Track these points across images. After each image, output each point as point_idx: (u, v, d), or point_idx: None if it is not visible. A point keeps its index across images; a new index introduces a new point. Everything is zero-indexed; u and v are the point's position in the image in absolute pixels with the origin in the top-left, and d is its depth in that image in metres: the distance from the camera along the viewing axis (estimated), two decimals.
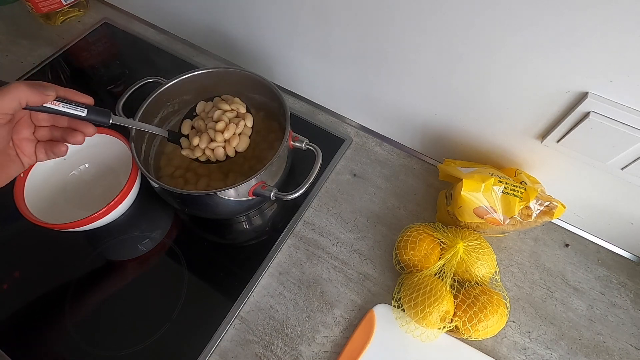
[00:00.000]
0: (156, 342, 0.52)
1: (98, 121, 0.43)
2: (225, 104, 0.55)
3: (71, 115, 0.41)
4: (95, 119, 0.43)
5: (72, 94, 0.42)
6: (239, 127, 0.54)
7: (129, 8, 0.86)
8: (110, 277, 0.57)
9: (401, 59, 0.53)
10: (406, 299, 0.51)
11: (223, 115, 0.54)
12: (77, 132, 0.43)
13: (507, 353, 0.52)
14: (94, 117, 0.43)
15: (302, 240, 0.60)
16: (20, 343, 0.52)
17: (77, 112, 0.41)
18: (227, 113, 0.55)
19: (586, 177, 0.52)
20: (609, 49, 0.38)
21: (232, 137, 0.53)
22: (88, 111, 0.42)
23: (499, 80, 0.48)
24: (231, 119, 0.55)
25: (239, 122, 0.54)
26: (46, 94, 0.39)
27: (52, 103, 0.40)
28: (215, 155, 0.53)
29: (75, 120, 0.43)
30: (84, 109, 0.42)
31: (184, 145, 0.55)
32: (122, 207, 0.55)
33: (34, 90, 0.38)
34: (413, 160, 0.67)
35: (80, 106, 0.42)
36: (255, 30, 0.67)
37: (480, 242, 0.53)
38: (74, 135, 0.43)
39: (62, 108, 0.40)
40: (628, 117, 0.41)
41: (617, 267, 0.58)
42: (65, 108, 0.41)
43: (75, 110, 0.41)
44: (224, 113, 0.54)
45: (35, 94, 0.38)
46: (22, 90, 0.37)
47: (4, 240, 0.60)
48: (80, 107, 0.42)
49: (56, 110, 0.40)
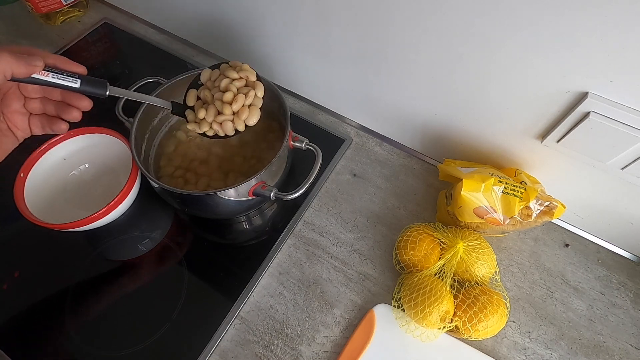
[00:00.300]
0: (156, 342, 0.52)
1: (93, 93, 0.39)
2: (234, 71, 0.50)
3: (62, 86, 0.37)
4: (90, 90, 0.39)
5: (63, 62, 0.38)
6: (248, 97, 0.48)
7: (129, 8, 0.86)
8: (110, 277, 0.57)
9: (401, 59, 0.53)
10: (406, 299, 0.51)
11: (231, 84, 0.49)
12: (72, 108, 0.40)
13: (507, 353, 0.52)
14: (89, 88, 0.39)
15: (302, 240, 0.60)
16: (20, 343, 0.52)
17: (68, 83, 0.37)
18: (235, 82, 0.49)
19: (586, 177, 0.52)
20: (609, 49, 0.38)
21: (241, 110, 0.48)
22: (81, 82, 0.38)
23: (499, 80, 0.48)
24: (240, 88, 0.50)
25: (248, 92, 0.49)
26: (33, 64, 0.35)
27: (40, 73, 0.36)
28: (224, 130, 0.49)
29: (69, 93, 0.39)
30: (77, 80, 0.38)
31: (190, 118, 0.50)
32: (122, 207, 0.55)
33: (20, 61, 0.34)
34: (413, 160, 0.67)
35: (72, 76, 0.38)
36: (255, 30, 0.67)
37: (480, 242, 0.53)
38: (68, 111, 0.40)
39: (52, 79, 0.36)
40: (628, 117, 0.41)
41: (617, 267, 0.58)
42: (55, 79, 0.37)
43: (67, 81, 0.37)
44: (232, 82, 0.49)
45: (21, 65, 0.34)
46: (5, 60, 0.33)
47: (4, 240, 0.60)
48: (72, 78, 0.38)
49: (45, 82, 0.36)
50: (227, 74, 0.50)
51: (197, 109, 0.49)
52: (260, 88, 0.50)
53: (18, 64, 0.34)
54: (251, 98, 0.49)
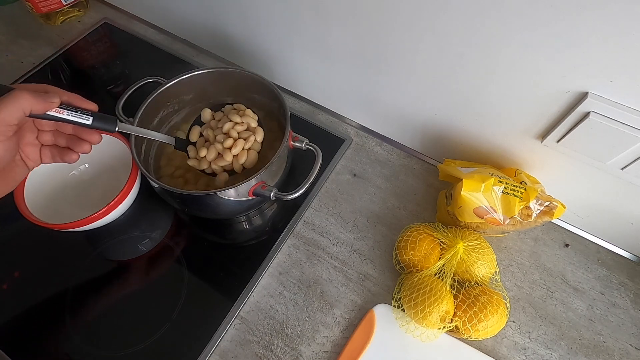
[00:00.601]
0: (156, 342, 0.52)
1: (104, 128, 0.42)
2: (237, 115, 0.54)
3: (76, 123, 0.40)
4: (101, 126, 0.42)
5: (77, 99, 0.41)
6: (248, 142, 0.52)
7: (129, 8, 0.86)
8: (110, 277, 0.57)
9: (401, 58, 0.53)
10: (406, 299, 0.51)
11: (232, 129, 0.53)
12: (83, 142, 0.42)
13: (507, 353, 0.52)
14: (100, 124, 0.41)
15: (302, 240, 0.60)
16: (20, 343, 0.52)
17: (82, 120, 0.40)
18: (237, 126, 0.53)
19: (586, 177, 0.52)
20: (609, 49, 0.38)
21: (240, 153, 0.52)
22: (93, 119, 0.41)
23: (499, 80, 0.48)
24: (241, 132, 0.53)
25: (248, 137, 0.53)
26: (50, 102, 0.37)
27: (56, 111, 0.39)
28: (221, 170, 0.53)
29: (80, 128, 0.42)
30: (89, 117, 0.41)
31: (191, 154, 0.54)
32: (122, 207, 0.55)
33: (38, 99, 0.36)
34: (413, 160, 0.67)
35: (85, 113, 0.40)
36: (255, 30, 0.67)
37: (480, 242, 0.53)
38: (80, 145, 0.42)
39: (67, 116, 0.39)
40: (628, 117, 0.41)
41: (617, 267, 0.58)
42: (70, 116, 0.39)
43: (80, 119, 0.40)
44: (234, 126, 0.53)
45: (39, 102, 0.36)
46: (25, 99, 0.35)
47: (4, 240, 0.60)
48: (85, 115, 0.40)
49: (61, 119, 0.39)
50: (231, 117, 0.54)
51: (199, 147, 0.53)
52: (260, 133, 0.54)
53: (37, 101, 0.36)
54: (250, 143, 0.53)
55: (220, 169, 0.53)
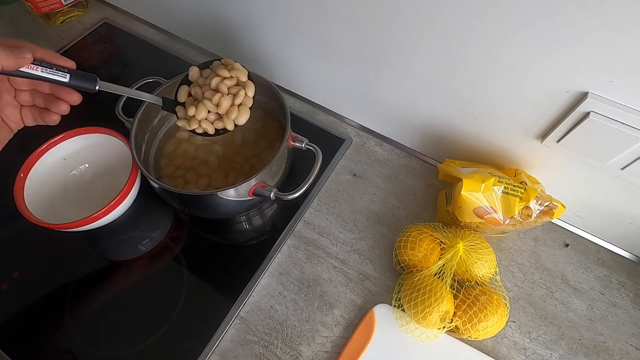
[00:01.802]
0: (156, 342, 0.52)
1: (83, 87, 0.39)
2: (225, 69, 0.50)
3: (51, 80, 0.37)
4: (80, 84, 0.39)
5: (52, 56, 0.38)
6: (238, 97, 0.48)
7: (129, 8, 0.86)
8: (111, 277, 0.57)
9: (401, 59, 0.53)
10: (406, 299, 0.51)
11: (221, 83, 0.49)
12: (60, 102, 0.40)
13: (507, 353, 0.52)
14: (78, 82, 0.39)
15: (302, 240, 0.60)
16: (20, 343, 0.52)
17: (58, 77, 0.37)
18: (226, 80, 0.49)
19: (586, 177, 0.52)
20: (609, 49, 0.38)
21: (230, 109, 0.48)
22: (70, 76, 0.38)
23: (499, 81, 0.48)
24: (230, 87, 0.50)
25: (238, 91, 0.49)
26: (22, 57, 0.35)
27: (29, 67, 0.36)
28: (213, 128, 0.50)
29: (58, 87, 0.40)
30: (66, 74, 0.38)
31: (180, 115, 0.50)
32: (122, 207, 0.55)
33: (9, 54, 0.34)
34: (413, 160, 0.67)
35: (61, 71, 0.38)
36: (255, 30, 0.67)
37: (480, 242, 0.53)
38: (57, 104, 0.40)
39: (41, 73, 0.37)
40: (628, 117, 0.41)
41: (617, 267, 0.58)
42: (45, 73, 0.37)
43: (56, 76, 0.37)
44: (222, 81, 0.49)
45: (10, 58, 0.34)
46: None
47: (4, 240, 0.60)
48: (61, 72, 0.38)
49: (34, 75, 0.36)
50: (218, 72, 0.50)
51: (188, 106, 0.49)
52: (251, 87, 0.50)
53: (7, 56, 0.34)
54: (241, 97, 0.49)
55: (211, 128, 0.50)
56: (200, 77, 0.51)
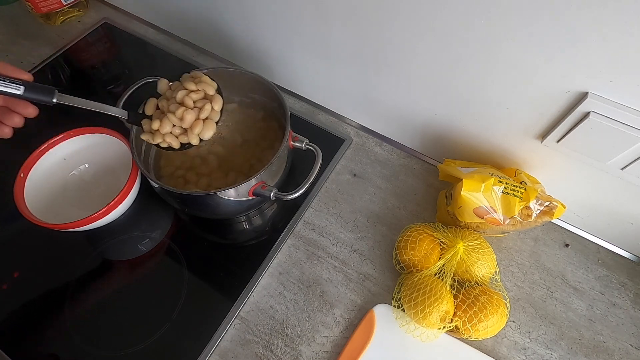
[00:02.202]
0: (156, 342, 0.52)
1: (39, 99, 0.39)
2: (192, 83, 0.48)
3: (4, 93, 0.37)
4: (35, 97, 0.38)
5: (6, 68, 0.37)
6: (203, 111, 0.47)
7: (129, 8, 0.86)
8: (110, 277, 0.57)
9: (401, 59, 0.53)
10: (406, 299, 0.51)
11: (187, 96, 0.47)
12: (13, 114, 0.39)
13: (507, 353, 0.52)
14: (33, 95, 0.38)
15: (302, 240, 0.60)
16: (20, 343, 0.52)
17: (10, 89, 0.37)
18: (192, 94, 0.48)
19: (586, 177, 0.52)
20: (609, 49, 0.38)
21: (195, 123, 0.47)
22: (25, 89, 0.37)
23: (498, 80, 0.48)
24: (196, 101, 0.48)
25: (204, 105, 0.47)
26: None
27: None
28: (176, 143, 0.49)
29: (12, 99, 0.39)
30: (20, 87, 0.37)
31: (145, 128, 0.48)
32: (122, 207, 0.55)
33: None
34: (413, 160, 0.67)
35: (15, 83, 0.37)
36: (255, 30, 0.67)
37: (480, 242, 0.53)
38: (10, 117, 0.39)
39: None
40: (628, 117, 0.41)
41: (617, 267, 0.58)
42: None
43: (9, 88, 0.36)
44: (189, 94, 0.48)
45: None
46: None
47: (4, 240, 0.60)
48: (15, 84, 0.37)
49: None
50: (185, 85, 0.48)
51: (153, 120, 0.48)
52: (218, 101, 0.49)
53: None
54: (207, 111, 0.47)
55: (176, 142, 0.48)
56: (169, 89, 0.50)
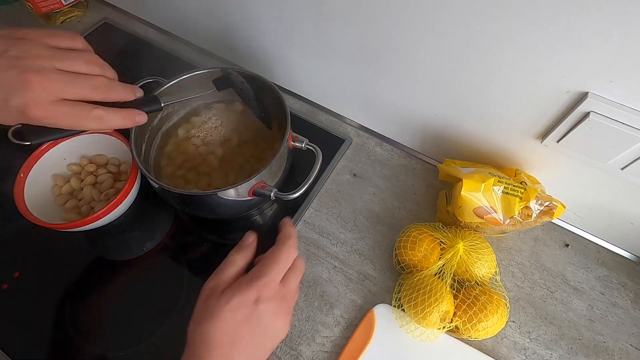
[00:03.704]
0: (156, 342, 0.52)
1: (151, 110, 0.44)
2: None
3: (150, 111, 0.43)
4: (148, 108, 0.43)
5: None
6: None
7: (129, 8, 0.86)
8: (110, 277, 0.57)
9: (401, 58, 0.53)
10: (406, 299, 0.51)
11: None
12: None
13: (507, 353, 0.52)
14: (146, 107, 0.43)
15: (302, 240, 0.60)
16: (20, 343, 0.52)
17: (153, 107, 0.44)
18: None
19: (586, 177, 0.52)
20: (609, 49, 0.38)
21: None
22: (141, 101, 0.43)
23: (499, 80, 0.48)
24: None
25: None
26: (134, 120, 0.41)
27: None
28: None
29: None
30: (159, 104, 0.44)
31: None
32: (122, 207, 0.55)
33: (125, 119, 0.40)
34: (413, 160, 0.67)
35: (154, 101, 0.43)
36: (255, 30, 0.67)
37: (480, 242, 0.53)
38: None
39: None
40: (628, 117, 0.41)
41: (617, 267, 0.58)
42: None
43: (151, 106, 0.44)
44: None
45: (126, 120, 0.40)
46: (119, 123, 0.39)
47: (4, 240, 0.60)
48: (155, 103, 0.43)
49: None
50: None
51: None
52: None
53: (124, 121, 0.39)
54: None
55: None
56: None
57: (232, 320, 0.36)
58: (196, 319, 0.37)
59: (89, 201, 0.57)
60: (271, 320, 0.37)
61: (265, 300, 0.37)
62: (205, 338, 0.35)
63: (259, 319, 0.36)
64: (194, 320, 0.37)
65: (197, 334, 0.36)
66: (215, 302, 0.37)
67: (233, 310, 0.36)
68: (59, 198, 0.57)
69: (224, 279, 0.39)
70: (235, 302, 0.36)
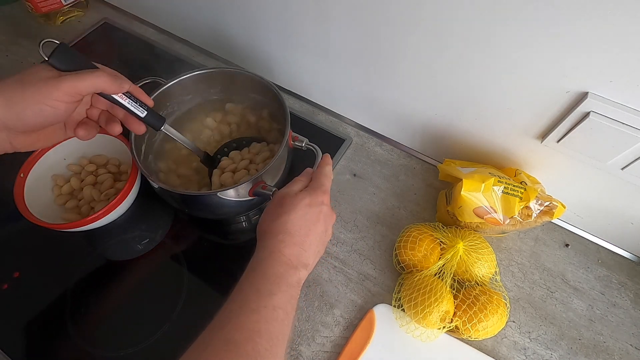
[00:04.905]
0: (156, 342, 0.52)
1: (150, 123, 0.45)
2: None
3: (132, 112, 0.43)
4: (150, 121, 0.44)
5: (139, 91, 0.43)
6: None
7: (129, 8, 0.86)
8: (110, 277, 0.57)
9: (401, 59, 0.53)
10: (406, 299, 0.51)
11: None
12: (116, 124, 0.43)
13: (507, 353, 0.52)
14: (150, 119, 0.44)
15: None
16: (20, 343, 0.52)
17: (138, 111, 0.43)
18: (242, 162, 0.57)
19: (586, 177, 0.52)
20: (609, 49, 0.38)
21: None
22: (147, 113, 0.44)
23: (498, 80, 0.48)
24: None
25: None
26: (121, 87, 0.40)
27: (120, 96, 0.41)
28: None
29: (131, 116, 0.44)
30: (144, 111, 0.43)
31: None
32: (122, 207, 0.55)
33: (113, 82, 0.39)
34: (413, 160, 0.67)
35: (142, 106, 0.43)
36: (255, 30, 0.67)
37: (480, 242, 0.53)
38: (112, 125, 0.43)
39: (128, 104, 0.42)
40: (628, 117, 0.41)
41: (617, 267, 0.58)
42: (130, 105, 0.42)
43: (137, 110, 0.43)
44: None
45: (113, 85, 0.39)
46: (102, 79, 0.38)
47: (4, 240, 0.60)
48: (141, 107, 0.43)
49: (121, 104, 0.41)
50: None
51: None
52: None
53: (111, 83, 0.39)
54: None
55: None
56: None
57: (308, 214, 0.41)
58: (270, 216, 0.42)
59: (89, 201, 0.57)
60: (329, 222, 0.44)
61: (327, 204, 0.44)
62: (286, 226, 0.41)
63: (325, 219, 0.43)
64: (264, 220, 0.43)
65: (276, 224, 0.41)
66: (290, 201, 0.42)
67: (309, 206, 0.42)
68: (59, 198, 0.57)
69: (294, 189, 0.44)
70: (309, 201, 0.42)
